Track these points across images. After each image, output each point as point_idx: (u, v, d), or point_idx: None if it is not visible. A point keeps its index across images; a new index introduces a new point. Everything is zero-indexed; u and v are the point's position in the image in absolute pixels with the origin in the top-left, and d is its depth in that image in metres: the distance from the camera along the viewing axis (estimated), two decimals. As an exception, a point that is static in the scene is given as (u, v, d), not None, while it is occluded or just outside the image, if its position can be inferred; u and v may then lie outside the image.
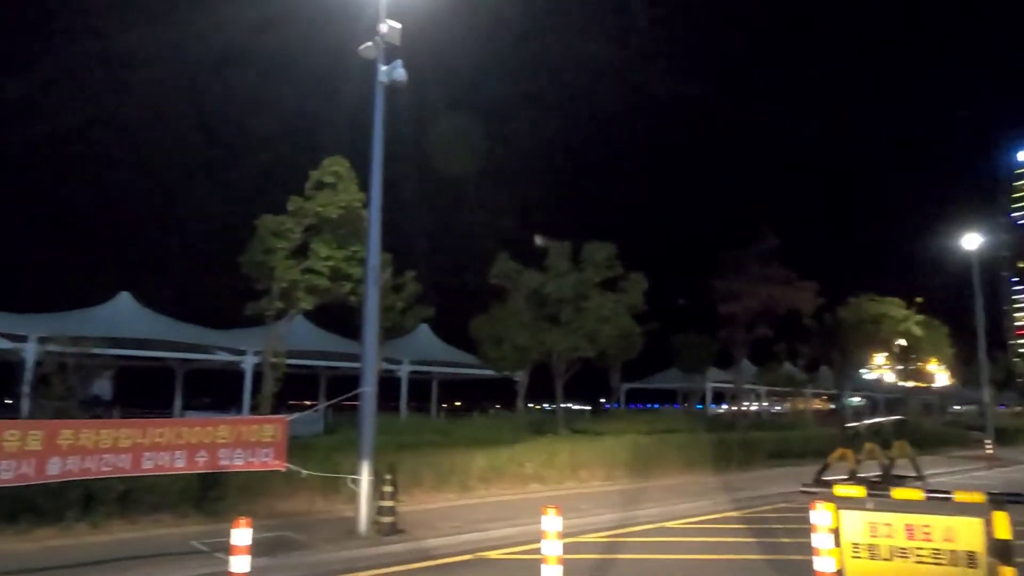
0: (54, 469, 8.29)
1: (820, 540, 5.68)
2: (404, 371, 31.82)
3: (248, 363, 27.50)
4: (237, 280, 17.18)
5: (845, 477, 15.17)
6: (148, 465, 8.98)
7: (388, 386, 30.47)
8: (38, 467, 8.14)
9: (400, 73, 11.31)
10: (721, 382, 44.30)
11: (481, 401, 51.18)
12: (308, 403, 38.97)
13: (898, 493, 6.20)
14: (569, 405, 33.47)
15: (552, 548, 5.67)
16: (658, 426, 23.47)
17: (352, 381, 38.68)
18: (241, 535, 5.23)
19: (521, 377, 26.72)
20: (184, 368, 33.14)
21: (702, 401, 47.48)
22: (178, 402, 33.50)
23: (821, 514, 5.73)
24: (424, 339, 33.16)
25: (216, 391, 41.84)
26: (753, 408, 52.46)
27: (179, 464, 9.23)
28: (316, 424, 20.89)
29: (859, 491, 6.36)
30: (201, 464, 9.40)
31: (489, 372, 29.73)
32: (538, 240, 17.38)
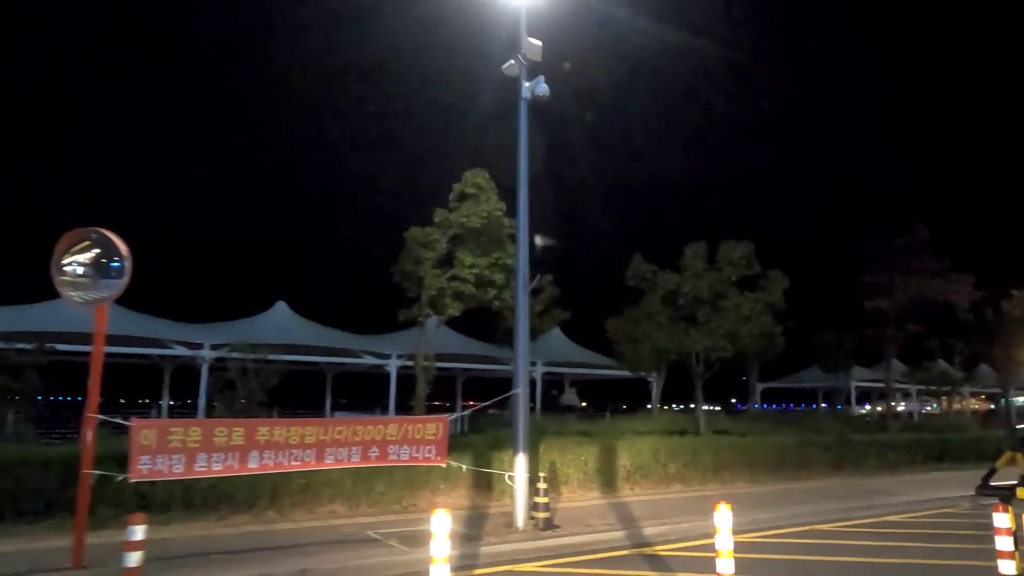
0: (254, 462, 9.32)
1: (1003, 543, 5.60)
2: (539, 372, 32.45)
3: (392, 366, 29.04)
4: (384, 288, 18.34)
5: (1015, 483, 14.26)
6: (329, 460, 9.90)
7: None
8: (241, 460, 9.20)
9: (543, 88, 11.80)
10: (867, 381, 42.11)
11: (610, 402, 51.22)
12: (442, 404, 40.52)
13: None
14: (704, 406, 32.92)
15: (724, 542, 5.91)
16: (802, 427, 22.79)
17: (487, 382, 39.78)
18: (440, 520, 5.80)
19: (656, 378, 26.69)
20: (333, 371, 35.38)
21: (846, 401, 45.27)
22: (328, 403, 35.78)
23: (1003, 517, 5.65)
24: (557, 341, 33.68)
25: (360, 393, 44.38)
26: (903, 408, 49.46)
27: (355, 459, 10.10)
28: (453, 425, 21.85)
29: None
30: (373, 459, 10.24)
31: (620, 372, 29.84)
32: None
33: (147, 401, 32.09)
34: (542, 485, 11.00)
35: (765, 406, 51.20)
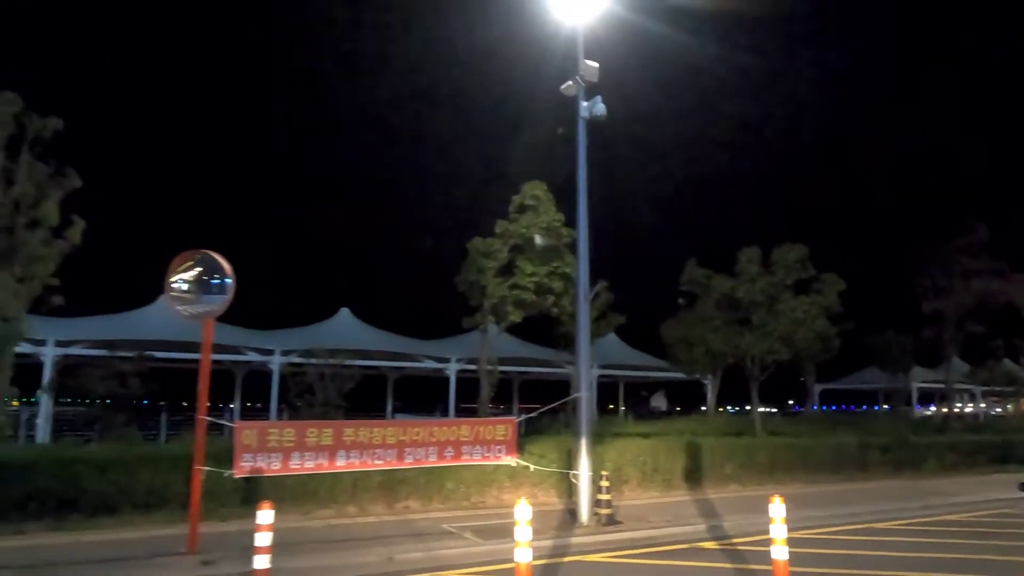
0: (341, 461, 10.25)
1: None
2: (594, 375, 33.02)
3: (452, 369, 30.00)
4: (443, 295, 19.24)
5: None
6: (409, 459, 10.77)
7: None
8: (330, 458, 10.13)
9: (600, 108, 12.46)
10: (928, 382, 41.39)
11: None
12: (496, 406, 41.33)
13: None
14: (760, 408, 33.02)
15: (778, 531, 6.51)
16: (859, 428, 22.85)
17: (542, 384, 40.38)
18: (523, 509, 6.53)
19: (711, 380, 27.01)
20: (394, 375, 36.56)
21: (907, 402, 44.53)
22: (389, 405, 36.98)
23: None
24: (612, 344, 34.18)
25: (417, 395, 45.62)
26: (968, 410, 48.32)
27: (431, 459, 10.95)
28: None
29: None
30: (449, 459, 11.07)
31: (675, 375, 30.22)
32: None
33: (220, 405, 33.81)
34: (604, 483, 11.65)
35: (824, 408, 50.64)
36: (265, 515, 6.29)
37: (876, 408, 50.82)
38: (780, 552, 6.47)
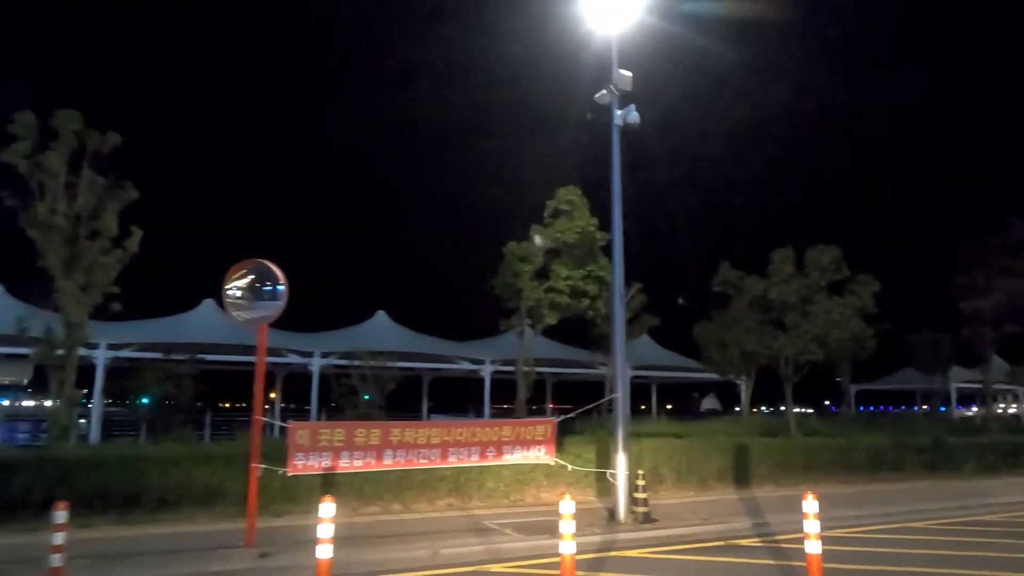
0: (388, 460, 10.71)
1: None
2: (627, 376, 33.20)
3: (486, 371, 30.45)
4: (481, 298, 19.66)
5: None
6: (452, 459, 11.17)
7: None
8: (378, 457, 10.59)
9: (634, 116, 12.77)
10: (968, 382, 40.82)
11: (696, 404, 51.29)
12: (532, 407, 41.69)
13: None
14: (795, 409, 32.95)
15: (812, 526, 6.79)
16: (896, 429, 22.78)
17: (575, 385, 40.60)
18: (567, 505, 6.89)
19: (745, 381, 27.09)
20: (429, 376, 37.14)
21: (945, 403, 43.92)
22: (425, 406, 37.57)
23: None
24: (644, 345, 34.35)
25: (450, 396, 46.22)
26: (1012, 411, 47.49)
27: (474, 458, 11.34)
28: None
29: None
30: (491, 458, 11.46)
31: (708, 375, 30.31)
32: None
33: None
34: (641, 482, 11.96)
35: (861, 408, 50.13)
36: (327, 508, 6.73)
37: (915, 409, 50.18)
38: (813, 547, 6.74)
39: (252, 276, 10.59)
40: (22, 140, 12.60)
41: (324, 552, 6.55)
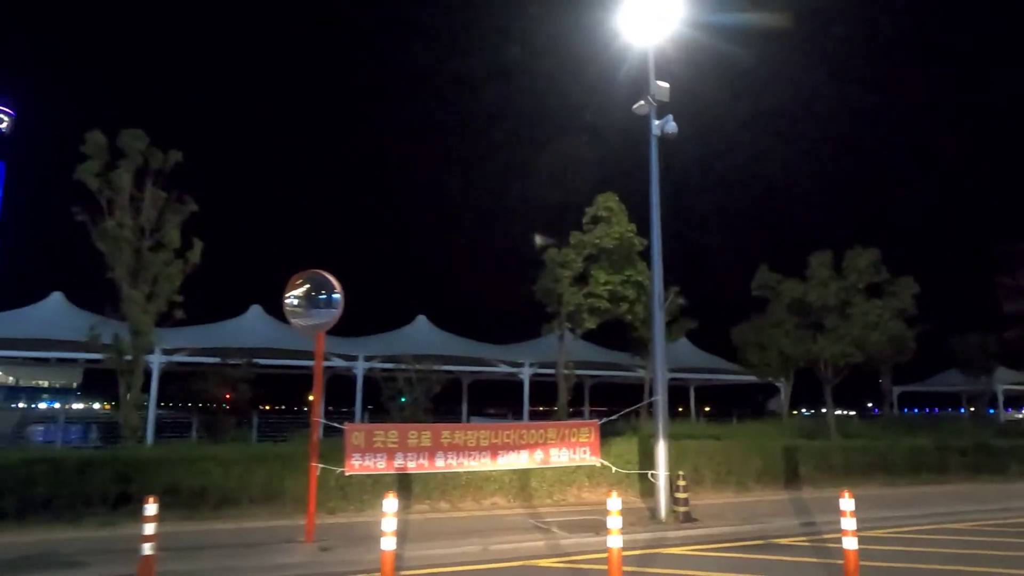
0: (440, 461, 11.18)
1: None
2: (666, 378, 33.32)
3: (525, 373, 30.89)
4: (520, 303, 20.12)
5: None
6: (502, 461, 11.58)
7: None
8: (430, 459, 11.07)
9: (672, 126, 13.09)
10: (1015, 384, 40.13)
11: (733, 407, 50.96)
12: (570, 409, 41.95)
13: None
14: (835, 411, 32.77)
15: (849, 524, 7.10)
16: (938, 431, 22.64)
17: (612, 388, 40.85)
18: (614, 502, 7.31)
19: (783, 383, 27.10)
20: (468, 379, 37.71)
21: (992, 405, 43.14)
22: (464, 408, 38.14)
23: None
24: (683, 348, 34.47)
25: (486, 398, 46.81)
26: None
27: (523, 461, 11.74)
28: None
29: None
30: (538, 461, 11.84)
31: (746, 378, 30.35)
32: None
33: (306, 408, 35.66)
34: (682, 482, 12.29)
35: (904, 410, 49.44)
36: (390, 503, 7.24)
37: (961, 411, 49.34)
38: (851, 543, 7.05)
39: (308, 286, 11.18)
40: (92, 159, 13.40)
41: (388, 544, 7.06)
